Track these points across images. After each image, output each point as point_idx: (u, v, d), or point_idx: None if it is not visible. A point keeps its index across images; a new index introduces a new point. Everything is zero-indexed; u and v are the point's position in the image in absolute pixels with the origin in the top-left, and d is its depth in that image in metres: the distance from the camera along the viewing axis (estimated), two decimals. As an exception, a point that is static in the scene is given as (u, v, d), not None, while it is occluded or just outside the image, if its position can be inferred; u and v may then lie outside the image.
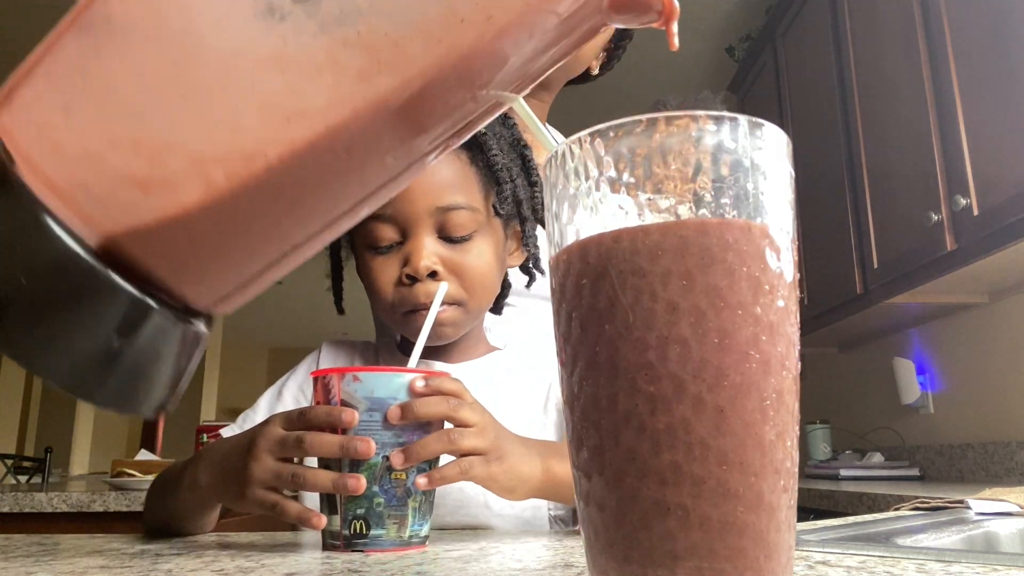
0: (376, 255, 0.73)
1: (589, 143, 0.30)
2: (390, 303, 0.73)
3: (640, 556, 0.27)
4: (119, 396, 0.27)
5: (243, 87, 0.24)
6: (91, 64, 0.24)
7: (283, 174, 0.24)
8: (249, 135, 0.24)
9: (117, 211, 0.24)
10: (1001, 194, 1.47)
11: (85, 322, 0.25)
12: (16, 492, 1.98)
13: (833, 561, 0.47)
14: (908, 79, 1.81)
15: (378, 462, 0.55)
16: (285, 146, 0.24)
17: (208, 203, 0.24)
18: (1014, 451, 1.86)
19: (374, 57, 0.24)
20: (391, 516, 0.55)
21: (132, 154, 0.24)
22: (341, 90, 0.24)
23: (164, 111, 0.24)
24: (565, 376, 0.31)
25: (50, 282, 0.24)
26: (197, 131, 0.24)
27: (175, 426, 5.83)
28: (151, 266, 0.25)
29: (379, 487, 0.55)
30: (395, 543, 0.55)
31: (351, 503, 0.55)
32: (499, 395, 0.73)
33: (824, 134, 2.29)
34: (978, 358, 2.03)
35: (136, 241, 0.25)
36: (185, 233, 0.25)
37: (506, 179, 0.76)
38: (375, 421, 0.55)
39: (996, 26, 1.50)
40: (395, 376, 0.56)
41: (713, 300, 0.27)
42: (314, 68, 0.24)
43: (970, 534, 0.74)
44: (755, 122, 0.29)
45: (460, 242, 0.72)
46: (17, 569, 0.47)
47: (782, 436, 0.28)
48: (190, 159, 0.24)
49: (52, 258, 0.24)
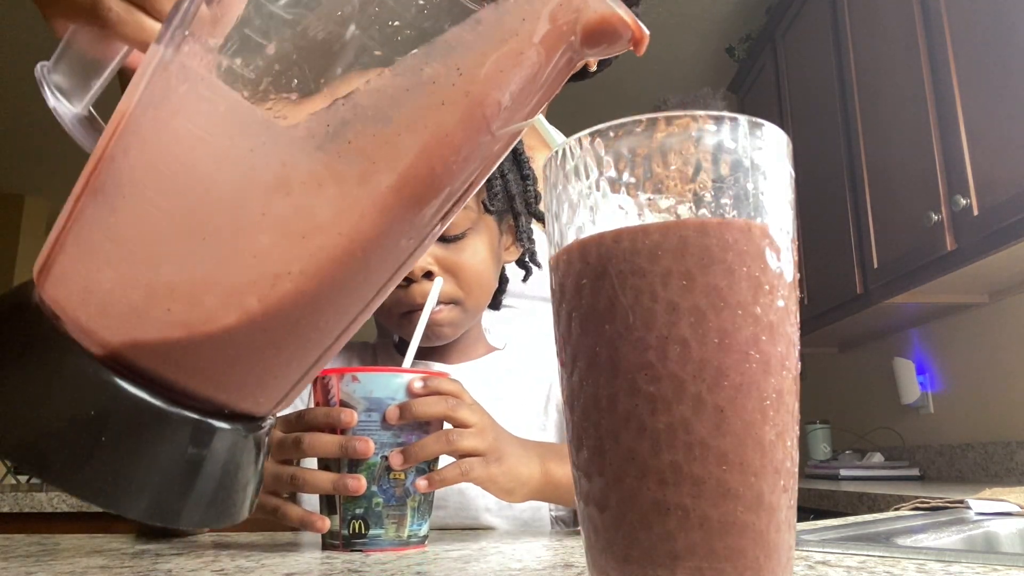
0: None
1: (589, 143, 0.30)
2: (386, 306, 0.73)
3: (640, 556, 0.27)
4: (205, 516, 0.28)
5: (255, 216, 0.25)
6: (111, 224, 0.26)
7: (310, 285, 0.26)
8: (271, 258, 0.26)
9: (168, 352, 0.26)
10: (1001, 194, 1.47)
11: (161, 458, 0.26)
12: (16, 492, 1.98)
13: (833, 561, 0.47)
14: (908, 79, 1.81)
15: (377, 462, 0.55)
16: (306, 260, 0.26)
17: (249, 327, 0.26)
18: (1014, 451, 1.86)
19: (369, 158, 0.26)
20: (390, 516, 0.55)
21: (170, 299, 0.25)
22: (346, 197, 0.26)
23: (189, 254, 0.25)
24: (565, 376, 0.31)
25: (125, 430, 0.25)
26: (224, 266, 0.26)
27: (175, 426, 5.82)
28: (209, 393, 0.27)
29: (378, 487, 0.55)
30: (394, 543, 0.55)
31: (350, 503, 0.55)
32: (499, 396, 0.73)
33: (824, 134, 2.29)
34: (978, 358, 2.03)
35: (191, 374, 0.26)
36: (234, 357, 0.26)
37: (496, 175, 0.76)
38: (374, 421, 0.55)
39: (996, 27, 1.50)
40: (394, 376, 0.56)
41: (713, 300, 0.27)
42: (316, 184, 0.25)
43: (970, 534, 0.74)
44: (755, 122, 0.29)
45: (454, 241, 0.72)
46: (17, 569, 0.47)
47: (782, 436, 0.28)
48: (224, 292, 0.25)
49: (122, 408, 0.25)
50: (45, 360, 0.25)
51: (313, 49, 0.25)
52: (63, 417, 0.25)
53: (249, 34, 0.25)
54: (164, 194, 0.25)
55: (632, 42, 0.28)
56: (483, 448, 0.58)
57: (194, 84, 0.25)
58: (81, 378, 0.25)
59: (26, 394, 0.25)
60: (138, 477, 0.25)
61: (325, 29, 0.25)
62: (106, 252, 0.25)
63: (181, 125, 0.25)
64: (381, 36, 0.26)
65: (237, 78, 0.25)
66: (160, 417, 0.26)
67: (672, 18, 3.22)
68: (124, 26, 0.38)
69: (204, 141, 0.25)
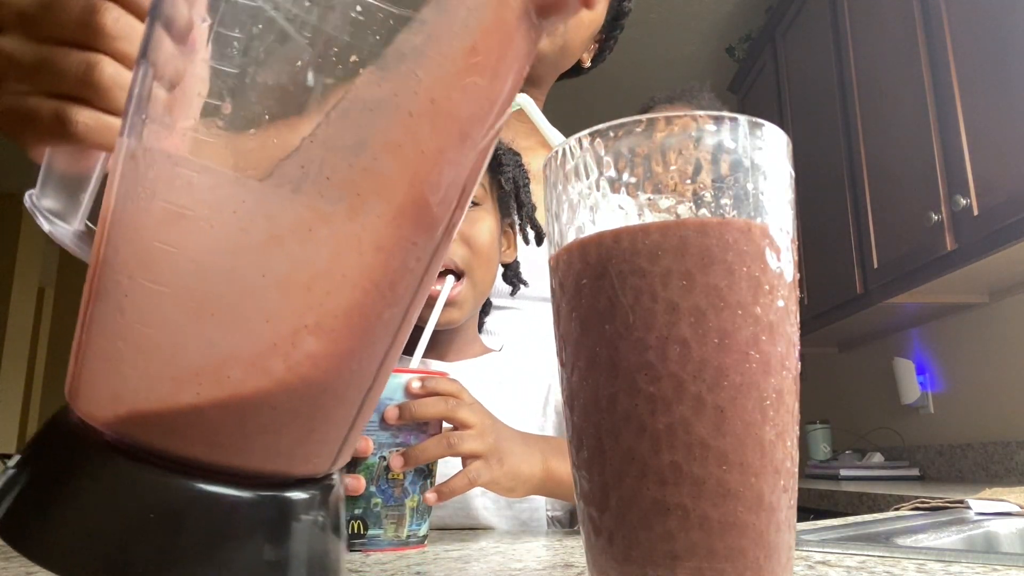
0: None
1: (589, 143, 0.30)
2: None
3: (640, 556, 0.27)
4: None
5: (256, 279, 0.25)
6: (121, 325, 0.25)
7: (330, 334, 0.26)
8: (283, 317, 0.25)
9: (213, 436, 0.25)
10: (1001, 194, 1.47)
11: (247, 543, 0.26)
12: (16, 492, 1.98)
13: (833, 561, 0.47)
14: (908, 79, 1.81)
15: (375, 462, 0.55)
16: (319, 310, 0.25)
17: (281, 389, 0.25)
18: (1014, 451, 1.86)
19: (352, 191, 0.25)
20: (388, 516, 0.55)
21: (197, 383, 0.25)
22: (340, 237, 0.25)
23: (202, 334, 0.25)
24: (565, 376, 0.31)
25: (201, 525, 0.25)
26: (239, 336, 0.25)
27: (175, 426, 5.82)
28: (265, 466, 0.26)
29: (376, 487, 0.55)
30: (393, 543, 0.56)
31: (349, 503, 0.55)
32: (497, 395, 0.73)
33: (824, 134, 2.29)
34: (978, 358, 2.03)
35: (241, 452, 0.26)
36: (277, 423, 0.26)
37: (507, 162, 0.79)
38: (372, 422, 0.55)
39: (996, 26, 1.50)
40: (392, 376, 0.56)
41: (713, 300, 0.27)
42: (306, 229, 0.25)
43: (970, 534, 0.75)
44: (755, 122, 0.29)
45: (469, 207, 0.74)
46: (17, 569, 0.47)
47: (782, 436, 0.28)
48: (247, 362, 0.25)
49: (191, 505, 0.25)
50: (100, 476, 0.25)
51: (269, 97, 0.25)
52: (138, 528, 0.24)
53: (207, 100, 0.25)
54: (163, 281, 0.25)
55: (583, 1, 0.27)
56: (483, 450, 0.58)
57: (162, 164, 0.25)
58: (142, 486, 0.25)
59: (96, 514, 0.25)
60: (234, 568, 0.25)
61: (278, 76, 0.25)
62: (123, 355, 0.25)
63: (160, 207, 0.25)
64: (331, 66, 0.25)
65: (202, 146, 0.25)
66: (230, 502, 0.25)
67: (672, 18, 3.22)
68: (95, 134, 0.38)
69: (186, 217, 0.24)
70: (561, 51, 0.98)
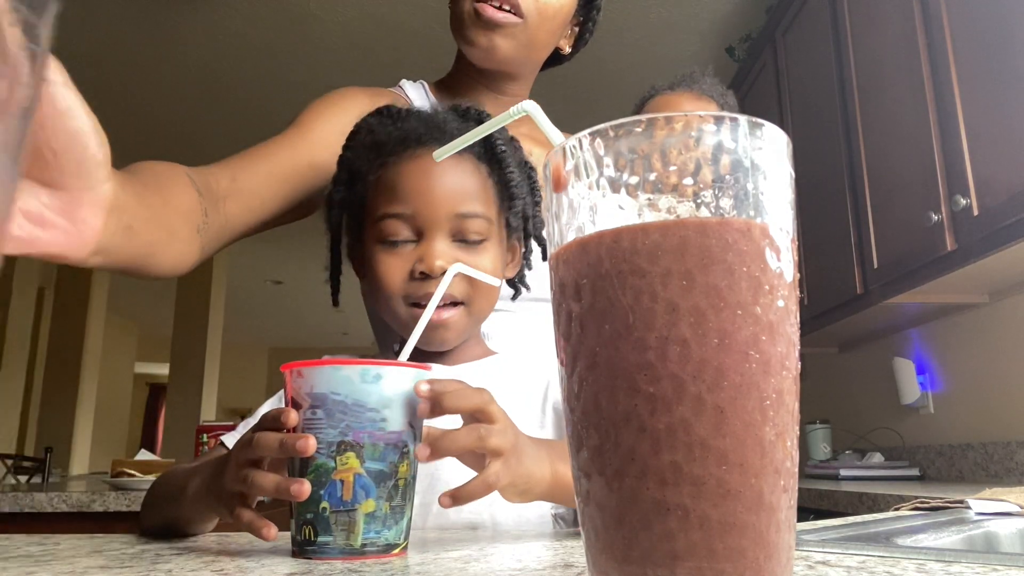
0: (388, 250, 0.75)
1: (589, 143, 0.30)
2: (397, 294, 0.75)
3: (640, 556, 0.27)
4: None
5: None
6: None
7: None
8: None
9: None
10: (1001, 194, 1.47)
11: None
12: (16, 492, 1.98)
13: (833, 561, 0.47)
14: (908, 79, 1.80)
15: (323, 463, 0.51)
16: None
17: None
18: (1014, 451, 1.86)
19: None
20: (338, 523, 0.50)
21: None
22: None
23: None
24: (565, 376, 0.31)
25: None
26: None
27: (175, 426, 5.82)
28: None
29: (325, 491, 0.50)
30: (344, 551, 0.50)
31: (301, 508, 0.51)
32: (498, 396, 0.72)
33: (824, 134, 2.29)
34: (978, 358, 2.03)
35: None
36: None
37: (519, 195, 0.79)
38: (318, 419, 0.51)
39: (996, 26, 1.50)
40: (336, 369, 0.52)
41: (713, 300, 0.27)
42: None
43: (970, 534, 0.74)
44: (755, 122, 0.29)
45: (473, 245, 0.75)
46: (17, 569, 0.47)
47: (782, 436, 0.28)
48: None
49: None
50: None
51: None
52: None
53: None
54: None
55: None
56: (507, 447, 0.56)
57: None
58: None
59: None
60: None
61: None
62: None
63: None
64: None
65: None
66: None
67: (672, 18, 3.22)
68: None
69: None
70: (527, 47, 0.95)
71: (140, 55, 3.50)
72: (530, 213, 0.82)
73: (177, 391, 5.93)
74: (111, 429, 8.00)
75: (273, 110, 3.90)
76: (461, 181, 0.75)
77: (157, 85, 3.78)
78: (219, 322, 6.10)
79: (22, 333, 5.32)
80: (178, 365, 5.97)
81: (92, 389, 6.00)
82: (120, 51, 3.46)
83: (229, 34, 3.34)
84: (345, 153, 0.81)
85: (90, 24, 3.24)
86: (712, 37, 3.34)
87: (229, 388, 7.64)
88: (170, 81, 3.74)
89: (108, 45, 3.40)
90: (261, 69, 3.62)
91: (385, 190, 0.75)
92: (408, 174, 0.75)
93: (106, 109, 4.69)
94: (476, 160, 0.77)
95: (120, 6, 3.14)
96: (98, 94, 3.92)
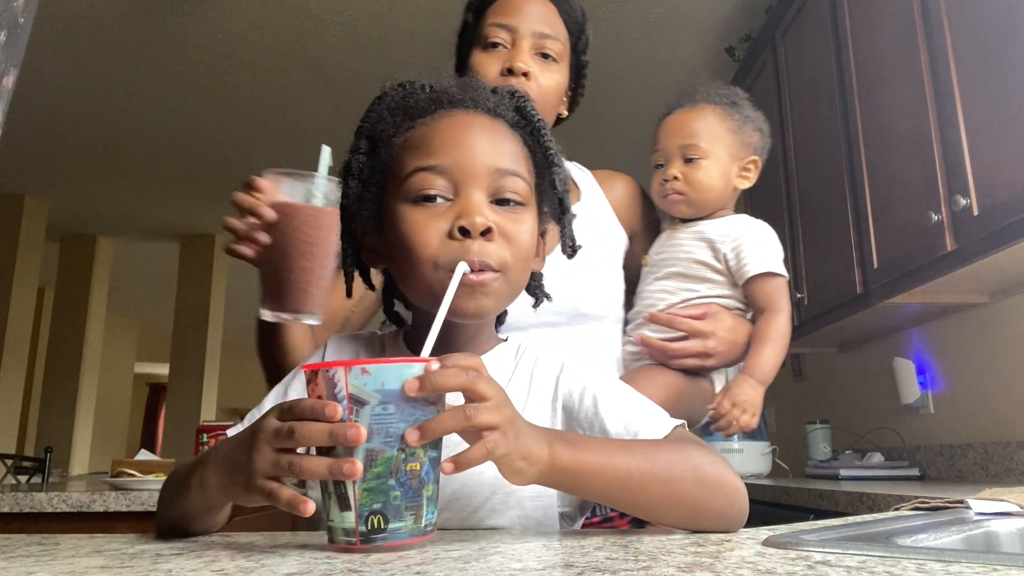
0: (421, 208, 0.70)
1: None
2: (433, 257, 0.69)
3: None
4: None
5: None
6: None
7: None
8: None
9: None
10: (1001, 194, 1.47)
11: None
12: (16, 492, 1.98)
13: (833, 561, 0.47)
14: (908, 79, 1.80)
15: (394, 455, 0.54)
16: None
17: None
18: (1014, 451, 1.86)
19: None
20: (408, 508, 0.55)
21: None
22: None
23: None
24: None
25: None
26: None
27: (175, 426, 5.82)
28: None
29: (396, 481, 0.54)
30: (413, 534, 0.56)
31: (367, 499, 0.54)
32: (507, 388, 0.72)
33: (824, 134, 2.29)
34: (978, 358, 2.02)
35: None
36: None
37: (559, 162, 0.77)
38: (390, 414, 0.54)
39: (996, 26, 1.50)
40: (407, 367, 0.55)
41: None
42: None
43: (970, 534, 0.75)
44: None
45: (512, 207, 0.71)
46: (17, 569, 0.47)
47: None
48: None
49: None
50: None
51: None
52: None
53: None
54: None
55: None
56: (501, 422, 0.56)
57: None
58: None
59: None
60: None
61: None
62: None
63: None
64: None
65: None
66: None
67: (672, 18, 3.22)
68: None
69: None
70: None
71: (141, 56, 3.50)
72: (564, 187, 0.78)
73: (177, 391, 5.93)
74: (111, 429, 8.00)
75: (274, 110, 3.91)
76: (500, 139, 0.72)
77: (158, 86, 3.78)
78: (219, 322, 6.10)
79: (22, 333, 5.31)
80: (178, 365, 5.97)
81: (92, 389, 5.99)
82: (121, 52, 3.46)
83: (230, 35, 3.34)
84: (363, 124, 0.77)
85: (90, 24, 3.24)
86: (712, 37, 3.34)
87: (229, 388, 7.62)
88: (171, 82, 3.74)
89: (109, 46, 3.40)
90: (262, 70, 3.62)
91: (417, 146, 0.71)
92: (443, 128, 0.71)
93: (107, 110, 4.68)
94: (510, 127, 0.75)
95: (122, 8, 3.14)
96: (100, 95, 3.93)
